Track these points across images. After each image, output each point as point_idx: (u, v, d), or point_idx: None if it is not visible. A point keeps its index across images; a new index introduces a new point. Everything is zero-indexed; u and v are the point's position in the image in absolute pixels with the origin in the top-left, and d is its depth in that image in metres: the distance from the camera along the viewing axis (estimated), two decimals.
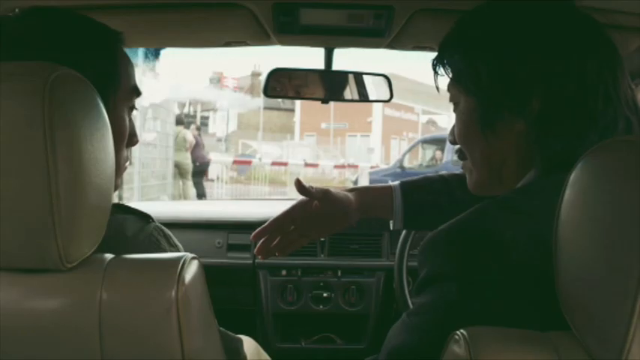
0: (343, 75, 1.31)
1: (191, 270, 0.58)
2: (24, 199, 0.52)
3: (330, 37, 1.16)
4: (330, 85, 1.31)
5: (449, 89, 0.76)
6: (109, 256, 0.59)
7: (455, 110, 0.76)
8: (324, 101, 1.36)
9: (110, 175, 0.59)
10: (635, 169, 0.46)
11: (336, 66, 1.27)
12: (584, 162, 0.52)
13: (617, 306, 0.45)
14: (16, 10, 0.78)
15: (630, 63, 1.25)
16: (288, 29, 1.08)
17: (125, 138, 0.79)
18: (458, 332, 0.53)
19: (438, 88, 0.78)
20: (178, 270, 0.56)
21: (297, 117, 24.15)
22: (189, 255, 0.60)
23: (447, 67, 0.75)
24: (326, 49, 1.25)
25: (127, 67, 0.78)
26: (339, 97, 1.34)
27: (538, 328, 0.54)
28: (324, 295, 1.68)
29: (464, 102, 0.73)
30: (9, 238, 0.53)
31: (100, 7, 0.99)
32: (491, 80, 0.68)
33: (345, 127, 22.41)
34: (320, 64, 1.28)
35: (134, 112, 0.82)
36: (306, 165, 11.99)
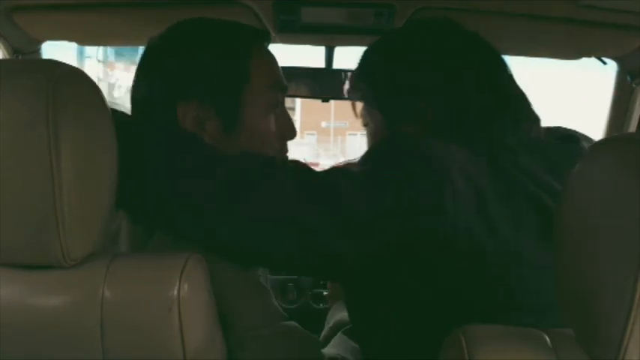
0: (344, 73, 1.31)
1: (194, 268, 0.58)
2: (27, 195, 0.52)
3: (330, 36, 1.16)
4: (331, 84, 1.31)
5: (360, 115, 0.86)
6: (111, 253, 0.59)
7: (366, 128, 0.85)
8: (325, 99, 1.36)
9: (113, 172, 0.59)
10: (635, 168, 0.46)
11: (337, 64, 1.27)
12: (585, 159, 0.52)
13: (615, 305, 0.45)
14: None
15: (630, 63, 1.25)
16: (288, 27, 1.08)
17: (267, 134, 0.77)
18: (456, 331, 0.53)
19: (356, 114, 0.88)
20: (181, 268, 0.56)
21: (297, 115, 24.06)
22: (193, 254, 0.60)
23: (356, 92, 0.85)
24: (327, 47, 1.25)
25: (262, 64, 0.78)
26: (339, 95, 1.34)
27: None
28: (325, 293, 1.67)
29: (372, 119, 0.83)
30: (12, 234, 0.53)
31: (101, 5, 0.99)
32: (387, 94, 0.79)
33: (346, 126, 22.35)
34: (320, 63, 1.28)
35: None
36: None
